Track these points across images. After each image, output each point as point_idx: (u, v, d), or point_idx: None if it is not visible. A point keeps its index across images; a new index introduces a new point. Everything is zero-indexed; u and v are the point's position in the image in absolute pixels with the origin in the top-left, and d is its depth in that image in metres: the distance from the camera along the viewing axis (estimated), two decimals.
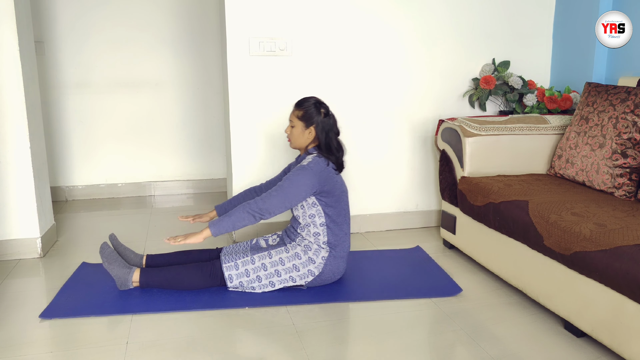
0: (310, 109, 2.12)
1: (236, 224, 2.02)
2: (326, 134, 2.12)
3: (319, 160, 2.10)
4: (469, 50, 2.92)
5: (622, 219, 1.77)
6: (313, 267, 2.11)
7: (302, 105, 2.14)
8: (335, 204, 2.13)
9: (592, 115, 2.27)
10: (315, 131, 2.12)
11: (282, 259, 2.11)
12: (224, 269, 2.10)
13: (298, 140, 2.16)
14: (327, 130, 2.13)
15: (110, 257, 2.12)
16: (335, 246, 2.15)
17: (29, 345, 1.75)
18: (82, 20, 3.49)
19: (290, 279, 2.11)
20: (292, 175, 2.07)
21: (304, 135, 2.13)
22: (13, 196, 2.47)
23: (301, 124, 2.13)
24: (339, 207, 2.15)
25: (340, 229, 2.16)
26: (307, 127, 2.12)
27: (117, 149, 3.71)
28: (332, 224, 2.14)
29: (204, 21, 3.69)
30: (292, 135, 2.16)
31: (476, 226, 2.35)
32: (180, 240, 2.01)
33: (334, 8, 2.69)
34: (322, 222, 2.12)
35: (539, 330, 1.87)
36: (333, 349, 1.76)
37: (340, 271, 2.19)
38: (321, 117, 2.12)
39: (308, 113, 2.12)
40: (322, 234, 2.13)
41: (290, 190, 2.04)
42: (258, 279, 2.10)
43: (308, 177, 2.04)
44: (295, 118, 2.14)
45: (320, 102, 2.16)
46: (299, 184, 2.04)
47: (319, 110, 2.12)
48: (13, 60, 2.36)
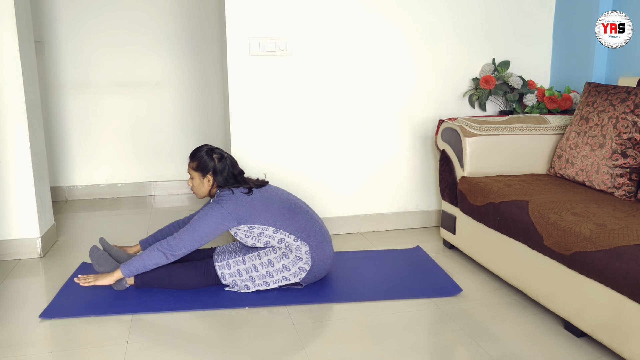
0: (203, 158, 2.13)
1: (147, 264, 2.03)
2: (225, 179, 2.13)
3: (225, 193, 2.11)
4: (469, 50, 2.92)
5: (622, 219, 1.77)
6: (302, 264, 2.10)
7: (195, 156, 2.15)
8: (276, 221, 2.07)
9: (592, 115, 2.27)
10: (213, 178, 2.14)
11: (271, 260, 2.10)
12: (216, 268, 2.10)
13: (200, 191, 2.18)
14: (225, 174, 2.13)
15: (100, 259, 2.13)
16: (309, 237, 2.11)
17: (29, 345, 1.75)
18: (82, 21, 3.49)
19: (284, 278, 2.11)
20: (202, 211, 2.09)
21: (203, 184, 2.15)
22: (13, 196, 2.47)
23: (198, 174, 2.14)
24: (293, 225, 2.09)
25: (297, 227, 2.10)
26: (204, 176, 2.14)
27: (117, 149, 3.71)
28: (288, 236, 2.09)
29: (204, 21, 3.69)
30: (194, 188, 2.18)
31: (476, 226, 2.35)
32: (90, 281, 2.04)
33: (334, 8, 2.69)
34: (281, 239, 2.09)
35: (539, 330, 1.87)
36: (333, 349, 1.76)
37: (328, 256, 2.16)
38: (215, 163, 2.13)
39: (202, 163, 2.13)
40: (288, 245, 2.10)
41: (201, 226, 2.04)
42: (251, 279, 2.10)
43: (216, 210, 2.05)
44: (191, 170, 2.16)
45: (212, 148, 2.17)
46: (209, 220, 2.04)
47: (211, 156, 2.14)
48: (13, 60, 2.36)
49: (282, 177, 2.72)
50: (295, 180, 2.77)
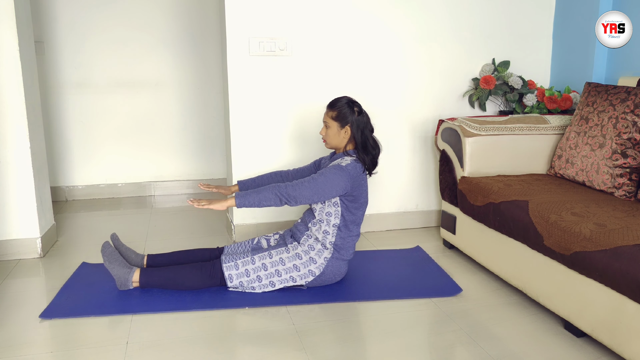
0: (344, 108, 2.11)
1: (262, 202, 2.02)
2: (362, 132, 2.12)
3: (356, 165, 2.10)
4: (469, 50, 2.92)
5: (622, 219, 1.77)
6: (314, 267, 2.11)
7: (335, 105, 2.13)
8: (355, 210, 2.14)
9: (592, 115, 2.27)
10: (351, 130, 2.12)
11: (283, 259, 2.11)
12: (224, 269, 2.10)
13: (334, 141, 2.16)
14: (362, 128, 2.12)
15: (111, 257, 2.12)
16: (340, 249, 2.15)
17: (29, 345, 1.75)
18: (82, 21, 3.49)
19: (291, 278, 2.11)
20: (329, 171, 2.06)
21: (339, 135, 2.13)
22: (13, 196, 2.47)
23: (336, 124, 2.12)
24: (357, 214, 2.15)
25: (349, 234, 2.16)
26: (342, 127, 2.12)
27: (117, 149, 3.71)
28: (345, 227, 2.14)
29: (204, 21, 3.69)
30: (328, 136, 2.16)
31: (476, 226, 2.35)
32: (204, 204, 2.00)
33: (334, 8, 2.69)
34: (336, 223, 2.12)
35: (539, 330, 1.87)
36: (333, 349, 1.76)
37: (341, 273, 2.19)
38: (355, 116, 2.11)
39: (342, 113, 2.11)
40: (332, 234, 2.13)
41: (324, 185, 2.03)
42: (258, 279, 2.10)
43: (344, 177, 2.05)
44: (329, 119, 2.14)
45: (352, 100, 2.15)
46: (334, 182, 2.03)
47: (352, 109, 2.12)
48: (13, 60, 2.36)
49: None
50: None
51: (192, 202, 2.01)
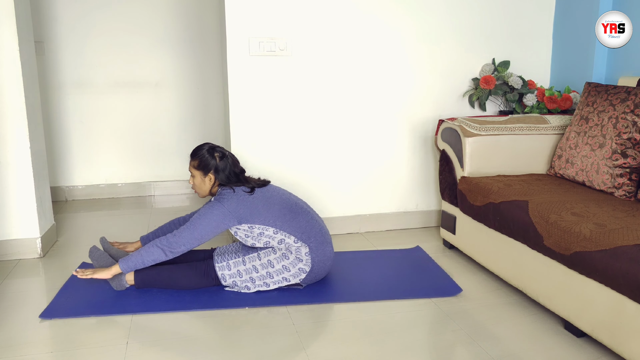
0: (204, 156, 2.12)
1: (145, 260, 2.02)
2: (227, 176, 2.13)
3: (226, 191, 2.10)
4: (469, 50, 2.92)
5: (622, 219, 1.77)
6: (302, 265, 2.10)
7: (196, 154, 2.15)
8: (286, 226, 2.08)
9: (592, 115, 2.27)
10: (214, 176, 2.13)
11: (271, 261, 2.09)
12: (216, 269, 2.10)
13: (202, 189, 2.17)
14: (226, 172, 2.13)
15: (100, 259, 2.13)
16: (309, 238, 2.10)
17: (29, 345, 1.75)
18: (82, 21, 3.49)
19: (284, 279, 2.11)
20: (202, 209, 2.08)
21: (205, 183, 2.15)
22: (13, 196, 2.47)
23: (199, 173, 2.14)
24: (292, 227, 2.08)
25: (298, 228, 2.09)
26: (205, 175, 2.13)
27: (117, 149, 3.71)
28: (288, 236, 2.09)
29: (204, 21, 3.69)
30: (195, 186, 2.18)
31: (476, 226, 2.35)
32: (88, 274, 2.02)
33: (334, 8, 2.69)
34: (281, 239, 2.09)
35: (539, 330, 1.87)
36: (333, 349, 1.76)
37: (328, 257, 2.16)
38: (217, 162, 2.12)
39: (203, 161, 2.12)
40: (288, 246, 2.09)
41: (201, 224, 2.03)
42: (251, 280, 2.10)
43: (217, 208, 2.04)
44: (192, 169, 2.16)
45: (213, 147, 2.16)
46: (209, 218, 2.03)
47: (212, 155, 2.13)
48: (13, 60, 2.36)
49: (282, 177, 2.72)
50: (296, 180, 2.77)
51: (76, 272, 2.03)
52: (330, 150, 2.83)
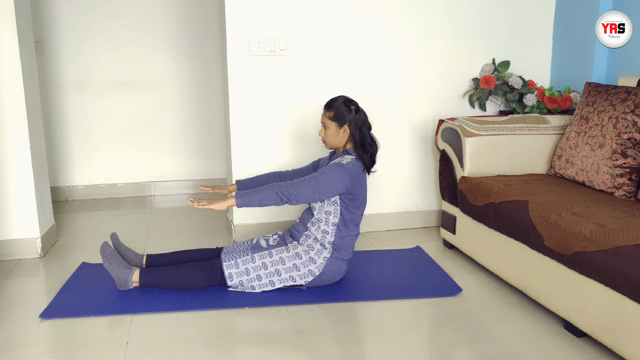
0: (341, 108, 2.12)
1: (263, 201, 2.02)
2: (360, 130, 2.13)
3: (356, 163, 2.11)
4: (469, 50, 2.92)
5: (622, 219, 1.77)
6: (314, 267, 2.11)
7: (332, 105, 2.14)
8: (354, 209, 2.14)
9: (592, 115, 2.27)
10: (349, 129, 2.13)
11: (283, 259, 2.11)
12: (224, 268, 2.10)
13: (334, 141, 2.16)
14: (360, 126, 2.13)
15: (110, 257, 2.12)
16: (339, 248, 2.15)
17: (29, 345, 1.75)
18: (82, 21, 3.49)
19: (290, 278, 2.11)
20: (329, 170, 2.06)
21: (338, 135, 2.14)
22: (13, 196, 2.47)
23: (334, 124, 2.13)
24: (356, 213, 2.16)
25: (348, 233, 2.16)
26: (340, 127, 2.13)
27: (117, 149, 3.71)
28: (343, 226, 2.14)
29: (204, 21, 3.69)
30: (327, 137, 2.16)
31: (476, 226, 2.35)
32: (204, 205, 2.00)
33: (335, 8, 2.69)
34: (335, 222, 2.13)
35: (539, 330, 1.87)
36: (333, 349, 1.76)
37: (340, 273, 2.19)
38: (352, 115, 2.12)
39: (339, 112, 2.12)
40: (330, 234, 2.13)
41: (325, 183, 2.04)
42: (258, 278, 2.10)
43: (344, 175, 2.05)
44: (327, 119, 2.14)
45: (349, 99, 2.16)
46: (335, 180, 2.04)
47: (349, 107, 2.12)
48: (13, 60, 2.36)
49: None
50: None
51: (192, 202, 2.00)
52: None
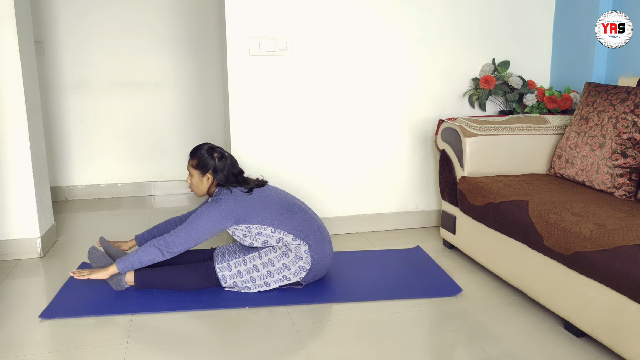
0: (203, 156, 2.13)
1: (143, 260, 2.02)
2: (225, 177, 2.13)
3: (223, 192, 2.10)
4: (469, 50, 2.92)
5: (622, 219, 1.77)
6: (302, 263, 2.10)
7: (195, 154, 2.15)
8: (274, 221, 2.07)
9: (592, 115, 2.27)
10: (213, 176, 2.13)
11: (272, 260, 2.09)
12: (217, 270, 2.10)
13: (199, 189, 2.17)
14: (225, 172, 2.13)
15: (99, 260, 2.13)
16: (307, 236, 2.11)
17: (29, 345, 1.75)
18: (82, 21, 3.49)
19: (284, 278, 2.11)
20: (203, 211, 2.07)
21: (202, 182, 2.15)
22: (13, 196, 2.47)
23: (197, 172, 2.14)
24: (289, 226, 2.08)
25: (296, 226, 2.10)
26: (203, 175, 2.14)
27: (117, 149, 3.71)
28: (286, 235, 2.09)
29: (204, 21, 3.69)
30: (193, 185, 2.18)
31: (476, 226, 2.35)
32: (85, 275, 2.01)
33: (334, 8, 2.69)
34: (280, 238, 2.09)
35: (539, 330, 1.87)
36: (333, 349, 1.76)
37: (328, 255, 2.16)
38: (216, 162, 2.12)
39: (202, 161, 2.12)
40: (287, 244, 2.09)
41: (198, 224, 2.03)
42: (252, 280, 2.10)
43: (220, 213, 2.04)
44: (191, 168, 2.16)
45: (212, 147, 2.17)
46: (209, 221, 2.03)
47: (211, 155, 2.13)
48: (13, 60, 2.36)
49: (282, 177, 2.72)
50: (296, 180, 2.77)
51: (72, 273, 2.01)
52: (330, 150, 2.83)
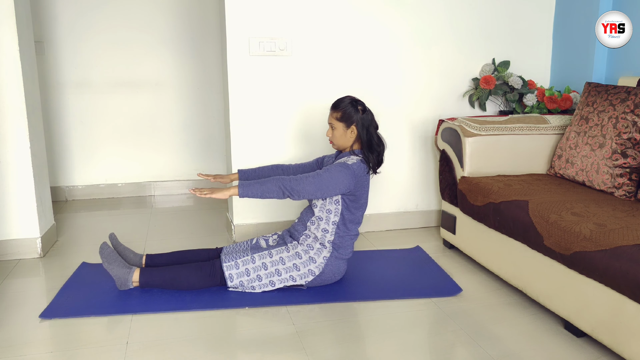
0: (348, 108, 2.12)
1: (265, 193, 2.01)
2: (367, 131, 2.13)
3: (361, 164, 2.11)
4: (469, 50, 2.92)
5: (622, 219, 1.77)
6: (314, 267, 2.11)
7: (339, 106, 2.14)
8: (355, 210, 2.14)
9: (592, 115, 2.27)
10: (357, 129, 2.13)
11: (283, 258, 2.11)
12: (224, 268, 2.10)
13: (341, 141, 2.16)
14: (367, 126, 2.13)
15: (110, 257, 2.12)
16: (339, 247, 2.15)
17: (29, 345, 1.75)
18: (82, 21, 3.49)
19: (291, 278, 2.12)
20: (334, 169, 2.06)
21: (346, 135, 2.14)
22: (13, 196, 2.47)
23: (341, 124, 2.13)
24: (357, 214, 2.16)
25: (348, 232, 2.16)
26: (348, 127, 2.13)
27: (117, 149, 3.71)
28: (343, 226, 2.14)
29: (204, 21, 3.69)
30: (335, 137, 2.16)
31: (476, 226, 2.35)
32: (206, 194, 2.00)
33: (334, 8, 2.69)
34: (335, 221, 2.13)
35: (539, 330, 1.87)
36: (333, 349, 1.76)
37: (340, 272, 2.20)
38: (360, 115, 2.12)
39: (347, 113, 2.12)
40: (330, 232, 2.13)
41: (328, 182, 2.04)
42: (258, 278, 2.10)
43: (348, 175, 2.05)
44: (334, 120, 2.14)
45: (355, 99, 2.16)
46: (338, 180, 2.04)
47: (356, 108, 2.13)
48: (13, 60, 2.36)
49: None
50: None
51: (193, 191, 2.01)
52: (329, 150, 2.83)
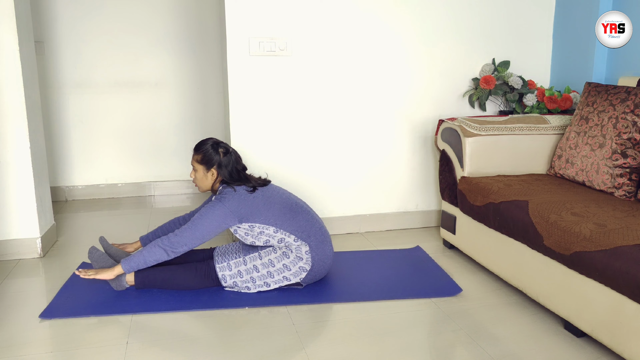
0: (208, 151, 2.12)
1: (148, 260, 2.02)
2: (229, 173, 2.12)
3: (227, 190, 2.10)
4: (469, 50, 2.92)
5: (622, 219, 1.77)
6: (303, 264, 2.10)
7: (200, 149, 2.14)
8: (285, 226, 2.07)
9: (592, 115, 2.27)
10: (217, 172, 2.13)
11: (272, 260, 2.09)
12: (217, 269, 2.10)
13: (202, 183, 2.17)
14: (229, 168, 2.12)
15: (99, 260, 2.13)
16: (309, 236, 2.11)
17: (29, 345, 1.75)
18: (82, 21, 3.49)
19: (284, 279, 2.11)
20: (204, 209, 2.07)
21: (207, 178, 2.14)
22: (13, 196, 2.47)
23: (202, 167, 2.13)
24: (292, 226, 2.08)
25: (298, 227, 2.10)
26: (208, 170, 2.13)
27: (117, 149, 3.71)
28: (295, 238, 2.09)
29: (204, 21, 3.69)
30: (197, 180, 2.17)
31: (476, 226, 2.35)
32: (91, 275, 2.01)
33: (334, 8, 2.69)
34: (280, 239, 2.09)
35: (539, 330, 1.87)
36: (333, 349, 1.76)
37: (328, 255, 2.16)
38: (220, 157, 2.12)
39: (207, 156, 2.12)
40: (286, 238, 2.09)
41: (202, 223, 2.03)
42: (252, 280, 2.10)
43: (218, 208, 2.04)
44: (195, 162, 2.15)
45: (217, 142, 2.16)
46: (211, 217, 2.03)
47: (217, 150, 2.13)
48: (13, 60, 2.36)
49: (282, 177, 2.72)
50: (296, 180, 2.77)
51: (78, 272, 2.02)
52: (330, 150, 2.83)
